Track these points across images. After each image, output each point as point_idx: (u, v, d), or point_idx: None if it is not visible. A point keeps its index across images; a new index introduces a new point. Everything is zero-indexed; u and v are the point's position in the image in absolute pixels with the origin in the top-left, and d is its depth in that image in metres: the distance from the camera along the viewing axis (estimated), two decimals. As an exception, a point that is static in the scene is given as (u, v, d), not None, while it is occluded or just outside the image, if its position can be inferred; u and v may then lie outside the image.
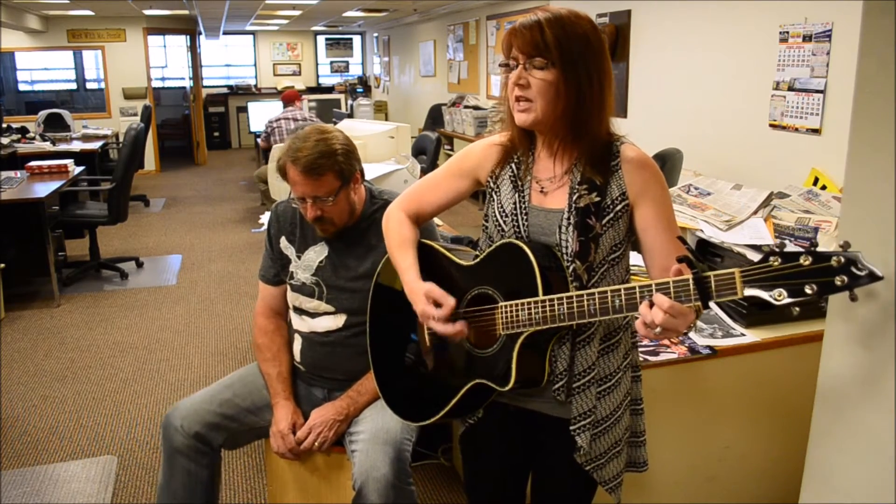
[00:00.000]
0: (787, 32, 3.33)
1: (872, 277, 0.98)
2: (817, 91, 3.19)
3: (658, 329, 1.16)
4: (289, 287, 2.04)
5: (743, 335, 2.06)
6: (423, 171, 3.91)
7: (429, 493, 2.63)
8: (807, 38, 3.23)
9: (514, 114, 1.36)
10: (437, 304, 1.41)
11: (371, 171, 3.11)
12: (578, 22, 1.31)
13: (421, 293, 1.43)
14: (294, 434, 1.91)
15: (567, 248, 1.35)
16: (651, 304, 1.16)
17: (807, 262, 1.03)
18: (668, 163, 3.61)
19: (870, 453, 1.15)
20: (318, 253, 2.00)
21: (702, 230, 2.36)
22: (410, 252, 1.53)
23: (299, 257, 2.01)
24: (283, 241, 2.05)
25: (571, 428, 1.39)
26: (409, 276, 1.49)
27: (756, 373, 2.07)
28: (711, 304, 1.15)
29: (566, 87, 1.30)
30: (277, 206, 2.09)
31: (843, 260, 1.00)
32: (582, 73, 1.30)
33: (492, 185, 1.47)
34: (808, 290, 1.02)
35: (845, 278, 0.99)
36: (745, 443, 2.12)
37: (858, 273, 0.98)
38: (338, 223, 1.92)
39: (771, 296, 1.06)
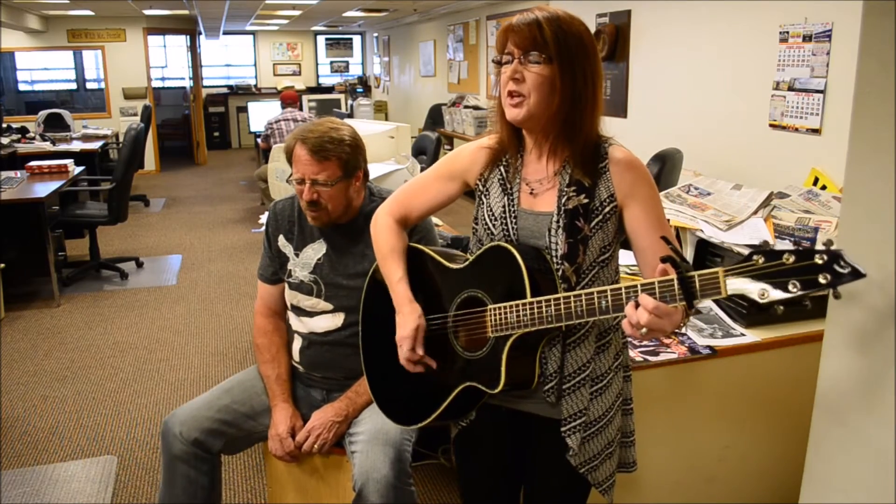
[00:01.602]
0: (787, 32, 3.33)
1: (856, 274, 0.98)
2: (817, 91, 3.19)
3: (644, 329, 1.16)
4: (287, 286, 2.04)
5: (743, 335, 2.06)
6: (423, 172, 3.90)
7: (429, 493, 2.63)
8: (807, 38, 3.23)
9: (505, 109, 1.36)
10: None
11: (371, 171, 3.10)
12: (574, 23, 1.33)
13: (412, 323, 1.46)
14: (293, 437, 1.91)
15: (556, 250, 1.35)
16: (637, 305, 1.17)
17: (790, 260, 1.03)
18: (668, 163, 3.61)
19: (869, 455, 1.15)
20: (315, 250, 1.99)
21: (702, 230, 2.36)
22: (400, 263, 1.54)
23: (297, 255, 2.01)
24: (282, 240, 2.04)
25: (562, 429, 1.40)
26: (400, 290, 1.51)
27: (756, 373, 2.07)
28: (701, 303, 1.15)
29: (562, 84, 1.30)
30: (276, 204, 2.09)
31: (826, 257, 1.00)
32: (578, 70, 1.31)
33: (481, 188, 1.47)
34: (791, 288, 1.03)
35: (829, 276, 0.99)
36: (744, 443, 2.12)
37: (841, 270, 0.98)
38: (331, 214, 1.91)
39: (755, 294, 1.06)
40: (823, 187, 2.95)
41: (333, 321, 1.97)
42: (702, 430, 2.07)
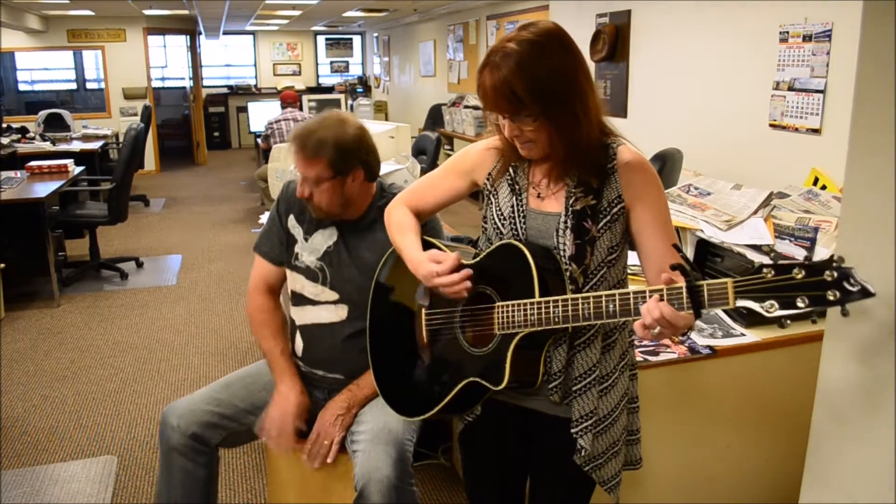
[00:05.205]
0: (787, 32, 3.33)
1: (865, 293, 0.98)
2: (817, 91, 3.19)
3: (657, 330, 1.18)
4: (292, 269, 2.01)
5: (743, 335, 2.06)
6: (423, 172, 3.91)
7: (429, 493, 2.63)
8: (807, 38, 3.23)
9: (517, 147, 1.38)
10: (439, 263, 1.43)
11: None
12: (543, 52, 1.27)
13: (424, 258, 1.45)
14: (300, 421, 1.90)
15: (564, 251, 1.35)
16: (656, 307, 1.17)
17: (799, 276, 1.03)
18: (668, 163, 3.61)
19: (869, 455, 1.15)
20: (326, 237, 1.97)
21: (702, 230, 2.36)
22: (411, 234, 1.54)
23: (307, 239, 1.99)
24: (292, 220, 2.01)
25: (573, 430, 1.40)
26: (412, 251, 1.50)
27: (756, 373, 2.07)
28: (709, 312, 1.16)
29: (557, 129, 1.31)
30: (290, 183, 2.04)
31: (836, 274, 1.00)
32: (567, 110, 1.30)
33: (489, 187, 1.48)
34: (799, 304, 1.03)
35: (837, 293, 0.99)
36: (744, 443, 2.12)
37: (851, 288, 0.99)
38: (325, 210, 1.90)
39: (763, 307, 1.06)
40: (823, 187, 2.95)
41: (337, 313, 1.95)
42: (702, 430, 2.07)
